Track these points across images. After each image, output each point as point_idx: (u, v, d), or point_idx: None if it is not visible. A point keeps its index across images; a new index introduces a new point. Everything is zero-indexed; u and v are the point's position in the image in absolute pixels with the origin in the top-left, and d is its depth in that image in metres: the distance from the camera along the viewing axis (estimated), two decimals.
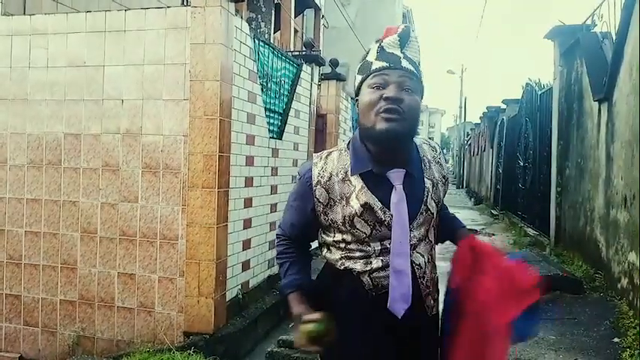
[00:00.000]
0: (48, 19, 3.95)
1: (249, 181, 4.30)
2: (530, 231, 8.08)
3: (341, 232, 1.45)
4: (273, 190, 4.90)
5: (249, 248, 4.35)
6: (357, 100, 1.48)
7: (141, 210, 3.77)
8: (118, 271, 3.81)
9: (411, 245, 1.44)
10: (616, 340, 3.43)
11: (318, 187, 1.44)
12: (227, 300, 3.87)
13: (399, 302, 1.42)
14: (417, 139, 1.54)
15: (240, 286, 4.16)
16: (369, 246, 1.43)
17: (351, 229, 1.42)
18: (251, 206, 4.35)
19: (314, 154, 1.54)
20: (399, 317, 1.43)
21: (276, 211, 4.95)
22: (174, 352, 3.31)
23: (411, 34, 1.43)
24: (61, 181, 3.93)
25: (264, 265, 4.73)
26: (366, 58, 1.46)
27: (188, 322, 3.65)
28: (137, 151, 3.78)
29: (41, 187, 3.97)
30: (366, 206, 1.40)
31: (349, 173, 1.42)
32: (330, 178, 1.44)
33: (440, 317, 1.57)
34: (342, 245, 1.46)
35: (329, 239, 1.49)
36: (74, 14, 3.94)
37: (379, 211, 1.40)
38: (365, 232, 1.42)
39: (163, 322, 3.71)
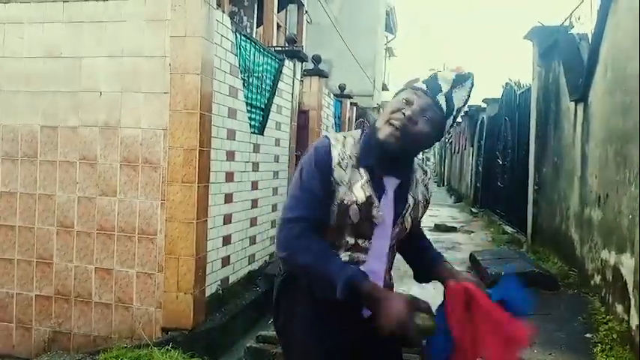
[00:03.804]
0: (23, 7, 3.85)
1: (229, 177, 4.28)
2: (509, 229, 8.21)
3: (329, 215, 1.46)
4: (254, 185, 4.88)
5: (230, 244, 4.33)
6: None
7: (119, 204, 3.72)
8: (95, 266, 3.75)
9: None
10: (588, 335, 3.52)
11: (338, 167, 1.46)
12: (206, 296, 3.84)
13: None
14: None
15: (219, 282, 4.14)
16: (344, 238, 1.47)
17: (343, 214, 1.44)
18: (232, 202, 4.33)
19: (330, 135, 1.53)
20: (364, 317, 1.47)
21: (257, 206, 4.94)
22: (152, 348, 3.28)
23: (469, 81, 1.48)
24: (36, 174, 3.85)
25: (245, 261, 4.71)
26: (418, 76, 1.52)
27: (167, 318, 3.61)
28: (115, 144, 3.73)
29: (16, 180, 3.88)
30: (369, 199, 1.44)
31: (359, 163, 1.48)
32: (347, 161, 1.48)
33: None
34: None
35: (322, 216, 1.49)
36: (51, 3, 3.85)
37: (374, 209, 1.45)
38: (352, 222, 1.44)
39: (141, 318, 3.67)
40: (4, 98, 3.89)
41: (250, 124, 4.71)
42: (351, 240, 1.47)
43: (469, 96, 1.50)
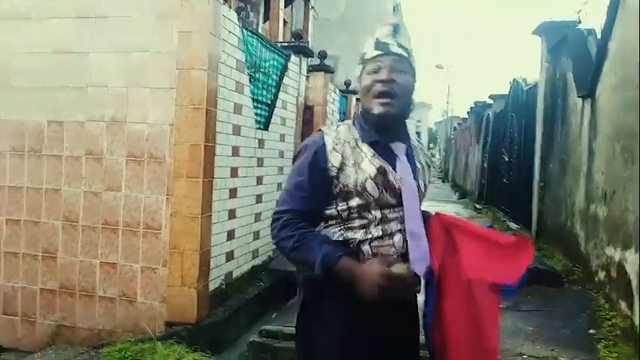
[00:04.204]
0: (29, 3, 3.87)
1: (234, 172, 4.29)
2: (513, 225, 8.17)
3: (348, 198, 1.50)
4: (259, 181, 4.89)
5: (234, 239, 4.34)
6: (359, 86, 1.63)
7: (124, 199, 3.74)
8: (99, 261, 3.78)
9: None
10: (592, 331, 3.51)
11: (333, 152, 1.51)
12: (210, 290, 3.86)
13: (419, 262, 1.50)
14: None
15: (223, 277, 4.15)
16: (370, 214, 1.50)
17: (362, 192, 1.48)
18: (236, 197, 4.34)
19: (322, 126, 1.63)
20: (422, 277, 1.50)
21: (261, 201, 4.95)
22: (155, 342, 3.30)
23: (401, 27, 1.59)
24: (43, 169, 3.87)
25: (249, 255, 4.73)
26: (364, 49, 1.63)
27: (170, 312, 3.64)
28: (122, 139, 3.74)
29: (23, 175, 3.91)
30: (381, 170, 1.50)
31: (359, 142, 1.54)
32: (343, 145, 1.53)
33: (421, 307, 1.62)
34: (345, 214, 1.51)
35: (331, 211, 1.52)
36: None
37: (390, 175, 1.50)
38: (373, 196, 1.49)
39: (145, 312, 3.69)
40: (12, 93, 3.91)
41: (256, 120, 4.71)
42: (377, 214, 1.50)
43: (409, 37, 1.62)
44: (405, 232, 1.51)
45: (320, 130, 1.59)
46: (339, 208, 1.51)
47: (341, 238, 1.50)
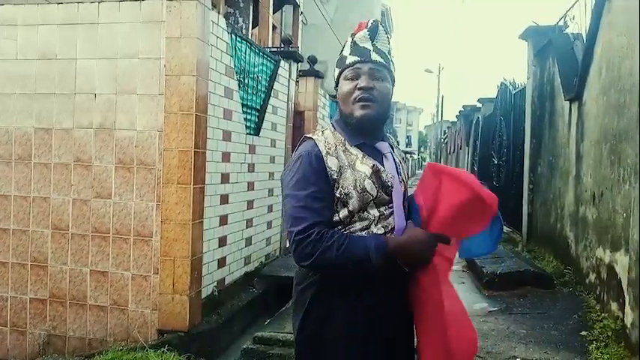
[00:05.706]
0: (17, 9, 3.84)
1: (225, 178, 4.27)
2: (504, 228, 8.22)
3: (347, 202, 1.50)
4: (250, 186, 4.87)
5: (226, 245, 4.32)
6: (336, 89, 1.64)
7: (114, 206, 3.71)
8: (90, 269, 3.74)
9: None
10: (584, 333, 3.53)
11: (329, 156, 1.52)
12: (202, 297, 3.84)
13: None
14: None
15: (215, 283, 4.13)
16: (369, 214, 1.52)
17: (362, 192, 1.50)
18: (227, 203, 4.33)
19: (308, 135, 1.61)
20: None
21: (252, 207, 4.93)
22: (147, 351, 3.27)
23: (379, 27, 1.59)
24: (31, 177, 3.83)
25: (241, 262, 4.70)
26: (342, 52, 1.63)
27: (162, 320, 3.61)
28: (110, 146, 3.72)
29: (10, 183, 3.87)
30: (375, 168, 1.53)
31: (347, 145, 1.56)
32: (335, 148, 1.54)
33: None
34: (347, 220, 1.51)
35: (335, 218, 1.52)
36: (45, 5, 3.84)
37: (383, 174, 1.53)
38: (372, 195, 1.51)
39: (137, 320, 3.66)
40: None
41: (246, 125, 4.70)
42: (375, 213, 1.52)
43: (387, 34, 1.62)
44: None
45: (308, 138, 1.58)
46: (340, 215, 1.51)
47: None
